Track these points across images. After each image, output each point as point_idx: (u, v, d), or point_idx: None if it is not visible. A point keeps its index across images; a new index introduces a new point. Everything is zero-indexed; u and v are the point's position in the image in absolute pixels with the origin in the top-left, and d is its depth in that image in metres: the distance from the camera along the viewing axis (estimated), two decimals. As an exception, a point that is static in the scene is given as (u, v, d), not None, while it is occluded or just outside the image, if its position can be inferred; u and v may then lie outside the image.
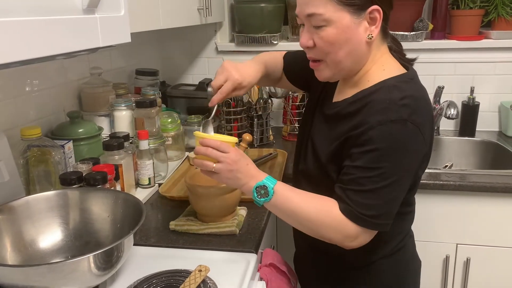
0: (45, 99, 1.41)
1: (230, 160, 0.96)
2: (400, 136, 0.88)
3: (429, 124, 0.94)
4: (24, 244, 0.99)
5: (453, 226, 1.60)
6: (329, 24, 0.91)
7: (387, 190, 0.90)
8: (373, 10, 0.90)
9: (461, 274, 1.63)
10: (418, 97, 0.92)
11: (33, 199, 1.04)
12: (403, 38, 1.99)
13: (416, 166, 0.94)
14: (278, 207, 0.98)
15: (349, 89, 1.01)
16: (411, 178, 0.94)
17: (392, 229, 1.01)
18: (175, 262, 1.03)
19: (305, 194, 0.98)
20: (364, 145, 0.90)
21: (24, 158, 1.16)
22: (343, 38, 0.92)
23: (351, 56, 0.95)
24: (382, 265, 1.04)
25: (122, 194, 1.08)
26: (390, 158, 0.89)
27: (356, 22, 0.91)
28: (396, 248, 1.05)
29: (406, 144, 0.89)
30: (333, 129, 1.01)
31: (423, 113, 0.91)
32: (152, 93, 1.69)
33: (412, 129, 0.88)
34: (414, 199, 1.10)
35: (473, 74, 2.02)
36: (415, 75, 0.99)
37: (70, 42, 0.78)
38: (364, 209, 0.91)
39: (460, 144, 2.00)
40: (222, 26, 2.18)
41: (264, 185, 0.95)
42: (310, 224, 0.96)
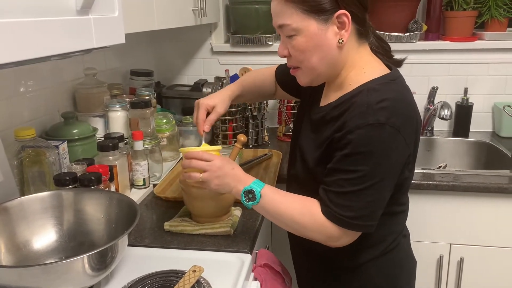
0: (39, 100, 1.40)
1: (215, 167, 1.02)
2: (379, 140, 0.89)
3: (411, 125, 0.93)
4: (18, 245, 0.99)
5: (446, 226, 1.61)
6: (298, 33, 0.94)
7: (368, 192, 0.91)
8: (340, 15, 0.92)
9: (454, 274, 1.64)
10: (397, 99, 0.92)
11: (27, 200, 1.03)
12: (397, 39, 2.00)
13: (398, 168, 0.94)
14: (265, 210, 1.01)
15: (333, 93, 1.03)
16: (394, 180, 0.95)
17: (383, 230, 1.02)
18: (169, 262, 1.03)
19: (290, 196, 1.02)
20: (344, 148, 0.92)
21: (18, 159, 1.16)
22: (312, 45, 0.94)
23: (324, 61, 0.96)
24: (375, 265, 1.05)
25: (116, 195, 1.08)
26: (369, 162, 0.90)
27: (323, 28, 0.93)
28: (389, 248, 1.05)
29: (386, 148, 0.90)
30: (319, 134, 1.02)
31: (402, 114, 0.91)
32: (147, 94, 1.69)
33: (391, 132, 0.88)
34: (407, 198, 1.10)
35: (467, 75, 2.04)
36: (397, 76, 0.99)
37: (64, 43, 0.78)
38: (343, 210, 0.92)
39: (454, 144, 2.01)
40: (217, 27, 2.19)
41: (252, 189, 0.99)
42: (294, 225, 1.00)
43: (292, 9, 0.93)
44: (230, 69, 1.98)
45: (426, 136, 2.04)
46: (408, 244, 1.14)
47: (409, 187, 1.07)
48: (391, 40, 2.00)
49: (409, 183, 1.06)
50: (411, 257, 1.14)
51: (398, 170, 0.94)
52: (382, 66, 1.00)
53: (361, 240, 0.99)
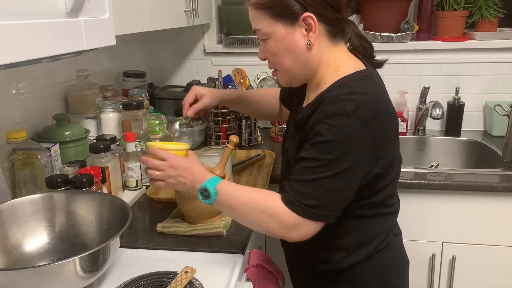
0: (31, 102, 1.40)
1: (169, 167, 1.03)
2: (344, 130, 0.90)
3: (380, 120, 0.93)
4: (9, 248, 0.99)
5: (438, 225, 1.62)
6: (269, 37, 0.99)
7: (329, 181, 0.91)
8: (305, 17, 0.95)
9: (447, 272, 1.65)
10: (367, 93, 0.93)
11: (18, 202, 1.03)
12: (389, 39, 2.01)
13: (363, 161, 0.93)
14: (223, 205, 1.01)
15: (312, 93, 1.05)
16: (359, 172, 0.94)
17: (372, 230, 1.03)
18: (162, 264, 1.03)
19: (249, 189, 1.02)
20: (312, 139, 0.93)
21: (10, 162, 1.16)
22: (282, 48, 0.99)
23: (297, 62, 1.00)
24: (366, 266, 1.05)
25: (108, 197, 1.08)
26: (333, 150, 0.90)
27: (291, 31, 0.97)
28: (379, 248, 1.06)
29: (351, 138, 0.90)
30: (299, 134, 1.04)
31: (371, 108, 0.91)
32: (140, 95, 1.69)
33: (357, 123, 0.89)
34: (397, 200, 1.11)
35: (458, 75, 2.05)
36: (371, 73, 1.00)
37: (54, 46, 0.78)
38: (303, 198, 0.92)
39: (446, 143, 2.02)
40: (210, 28, 2.19)
41: (206, 187, 0.99)
42: (250, 217, 0.98)
43: (261, 15, 0.98)
44: (223, 69, 1.98)
45: (418, 135, 2.05)
46: (400, 243, 1.15)
47: (394, 187, 1.07)
48: (382, 40, 2.02)
49: (393, 184, 1.05)
50: (402, 257, 1.14)
51: (363, 163, 0.93)
52: (357, 64, 1.02)
53: (350, 241, 1.00)
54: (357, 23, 2.07)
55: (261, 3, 0.97)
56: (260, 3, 0.98)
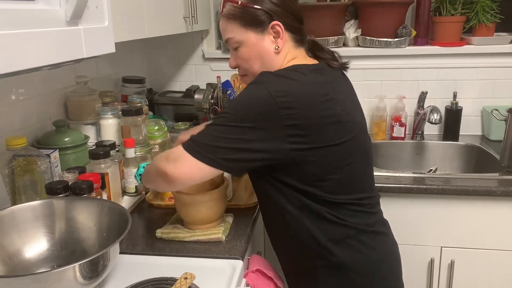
0: (30, 108, 1.41)
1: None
2: (248, 91, 0.99)
3: (294, 98, 0.96)
4: (9, 255, 0.99)
5: (437, 229, 1.62)
6: (241, 45, 1.10)
7: (216, 128, 0.98)
8: (274, 25, 1.07)
9: (446, 277, 1.65)
10: (288, 77, 1.00)
11: (18, 209, 1.04)
12: (386, 45, 2.02)
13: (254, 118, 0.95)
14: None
15: None
16: (249, 134, 0.95)
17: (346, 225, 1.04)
18: (161, 270, 1.03)
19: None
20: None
21: (10, 168, 1.16)
22: (254, 53, 1.09)
23: (265, 66, 1.09)
24: (351, 263, 1.05)
25: (107, 203, 1.08)
26: (229, 107, 1.00)
27: (260, 38, 1.08)
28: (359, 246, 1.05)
29: (247, 96, 0.99)
30: None
31: (284, 86, 0.97)
32: (139, 101, 1.69)
33: (261, 89, 0.97)
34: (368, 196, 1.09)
35: (456, 80, 2.06)
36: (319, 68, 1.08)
37: (54, 54, 0.78)
38: (194, 137, 1.00)
39: (444, 148, 2.03)
40: (209, 34, 2.20)
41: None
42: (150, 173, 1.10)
43: (233, 25, 1.09)
44: (222, 75, 1.98)
45: (416, 140, 2.06)
46: (392, 242, 1.14)
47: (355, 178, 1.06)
48: (380, 45, 2.03)
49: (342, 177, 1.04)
50: (391, 255, 1.13)
51: (261, 124, 0.95)
52: (311, 61, 1.11)
53: (329, 234, 1.03)
54: (355, 28, 2.09)
55: (233, 13, 1.08)
56: (232, 13, 1.08)
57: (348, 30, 2.09)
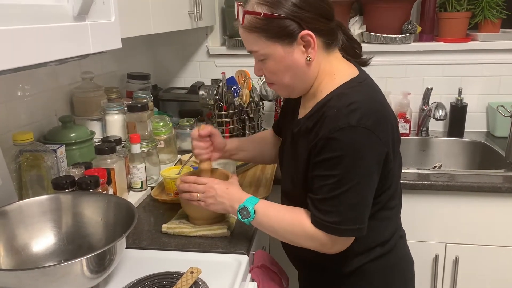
0: (37, 104, 1.41)
1: (208, 188, 1.10)
2: (351, 142, 0.90)
3: (385, 123, 0.94)
4: (17, 249, 1.00)
5: (442, 225, 1.62)
6: (267, 58, 0.98)
7: (347, 196, 0.92)
8: (304, 35, 0.94)
9: (450, 273, 1.65)
10: (366, 100, 0.94)
11: (25, 203, 1.04)
12: (391, 41, 2.01)
13: (375, 168, 0.94)
14: (260, 225, 1.06)
15: (308, 102, 1.06)
16: (373, 180, 0.95)
17: (375, 234, 1.03)
18: (167, 264, 1.04)
19: (282, 209, 1.05)
20: (319, 155, 0.94)
21: (17, 163, 1.17)
22: (282, 67, 0.98)
23: (297, 79, 1.00)
24: (371, 269, 1.06)
25: (114, 198, 1.09)
26: (343, 165, 0.90)
27: (289, 51, 0.96)
28: (384, 250, 1.06)
29: (359, 149, 0.90)
30: (298, 147, 1.04)
31: (374, 114, 0.92)
32: (144, 97, 1.70)
33: (363, 133, 0.90)
34: (399, 202, 1.11)
35: (461, 76, 2.06)
36: (365, 78, 1.02)
37: (61, 49, 0.79)
38: (328, 216, 0.94)
39: (449, 144, 2.03)
40: (214, 30, 2.20)
41: (245, 207, 1.05)
42: (288, 237, 1.04)
43: (256, 37, 0.96)
44: (227, 71, 1.98)
45: (421, 136, 2.06)
46: (405, 245, 1.15)
47: (397, 189, 1.07)
48: (385, 41, 2.02)
49: (397, 185, 1.06)
50: (407, 259, 1.15)
51: (376, 170, 0.94)
52: (352, 69, 1.03)
53: (353, 246, 1.00)
54: (360, 25, 2.08)
55: (256, 26, 0.95)
56: (255, 26, 0.95)
57: (353, 26, 2.08)
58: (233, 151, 1.30)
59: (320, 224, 0.96)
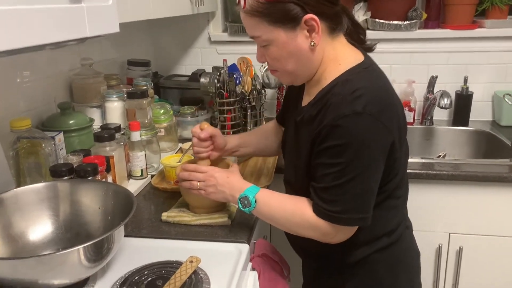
0: (35, 90, 1.39)
1: (209, 176, 1.09)
2: (357, 130, 0.88)
3: (391, 110, 0.92)
4: (14, 237, 0.98)
5: (445, 215, 1.60)
6: (270, 43, 0.95)
7: (352, 184, 0.90)
8: (307, 20, 0.91)
9: (453, 263, 1.64)
10: (371, 86, 0.92)
11: (22, 191, 1.03)
12: (396, 28, 1.98)
13: (381, 157, 0.92)
14: (261, 214, 1.05)
15: (312, 89, 1.03)
16: (379, 169, 0.93)
17: (381, 224, 1.01)
18: (167, 253, 1.02)
19: (283, 198, 1.04)
20: (323, 142, 0.91)
21: (14, 150, 1.15)
22: (285, 53, 0.95)
23: (300, 65, 0.97)
24: (376, 259, 1.04)
25: (112, 186, 1.07)
26: (349, 153, 0.88)
27: (293, 36, 0.93)
28: (390, 240, 1.04)
29: (365, 136, 0.88)
30: (301, 136, 1.02)
31: (379, 101, 0.90)
32: (144, 84, 1.67)
33: (369, 120, 0.87)
34: (405, 192, 1.09)
35: (467, 64, 2.02)
36: (370, 64, 0.99)
37: (56, 32, 0.76)
38: (330, 205, 0.92)
39: (454, 133, 2.00)
40: (215, 16, 2.16)
41: (246, 196, 1.03)
42: (289, 227, 1.03)
43: (258, 22, 0.93)
44: (228, 58, 1.95)
45: (425, 125, 2.03)
46: (411, 236, 1.14)
47: (404, 178, 1.05)
48: (390, 28, 1.98)
49: (404, 173, 1.04)
50: (412, 249, 1.13)
51: (381, 158, 0.92)
52: (357, 55, 1.00)
53: (359, 236, 0.98)
54: (365, 11, 2.04)
55: (258, 10, 0.92)
56: (257, 10, 0.92)
57: (357, 12, 2.04)
58: (234, 149, 1.29)
59: (323, 213, 0.94)
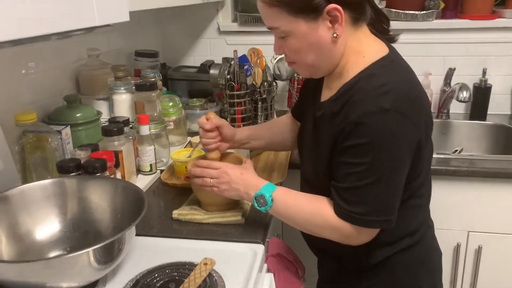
0: (41, 82, 1.34)
1: (222, 173, 1.04)
2: (384, 128, 0.83)
3: (418, 106, 0.87)
4: (20, 236, 0.94)
5: (464, 213, 1.55)
6: (289, 35, 0.90)
7: (377, 185, 0.85)
8: (330, 10, 0.85)
9: (472, 263, 1.59)
10: (398, 80, 0.87)
11: (28, 188, 0.99)
12: (413, 18, 1.91)
13: (408, 155, 0.87)
14: (278, 213, 1.00)
15: (333, 82, 0.97)
16: (405, 168, 0.88)
17: (403, 224, 0.96)
18: (178, 253, 0.98)
19: (302, 197, 0.99)
20: (347, 140, 0.86)
21: (20, 145, 1.11)
22: (305, 45, 0.90)
23: (321, 57, 0.92)
24: (397, 260, 0.99)
25: (122, 182, 1.03)
26: (373, 152, 0.84)
27: (314, 27, 0.88)
28: (411, 241, 0.99)
29: (392, 135, 0.83)
30: (322, 132, 0.97)
31: (407, 96, 0.85)
32: (153, 76, 1.62)
33: (396, 117, 0.82)
34: (428, 190, 1.04)
35: (486, 55, 1.95)
36: (396, 56, 0.93)
37: (64, 21, 0.72)
38: (354, 207, 0.87)
39: (471, 127, 1.94)
40: (224, 5, 2.10)
41: (262, 194, 0.98)
42: (308, 227, 0.98)
43: (278, 12, 0.88)
44: (238, 49, 1.89)
45: (441, 119, 1.97)
46: (433, 235, 1.09)
47: (427, 175, 1.00)
48: (406, 18, 1.92)
49: (429, 172, 0.99)
50: (435, 248, 1.09)
51: (408, 157, 0.87)
52: (381, 47, 0.94)
53: (381, 236, 0.93)
54: (380, 0, 1.97)
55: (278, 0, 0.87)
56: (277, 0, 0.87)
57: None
58: (244, 141, 1.23)
59: (345, 214, 0.89)
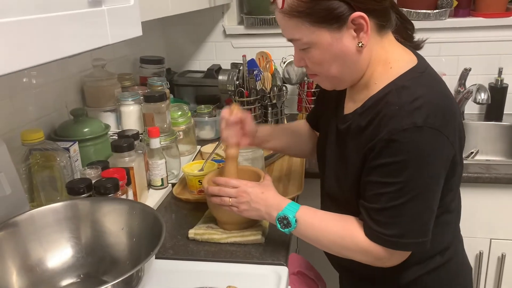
0: (45, 96, 1.29)
1: (241, 192, 0.99)
2: (417, 146, 0.78)
3: (453, 120, 0.82)
4: (31, 265, 0.89)
5: (486, 220, 1.51)
6: (312, 46, 0.85)
7: (410, 206, 0.81)
8: (355, 18, 0.80)
9: (494, 271, 1.55)
10: (431, 94, 0.81)
11: (38, 212, 0.94)
12: (425, 17, 1.86)
13: (441, 173, 0.82)
14: (303, 235, 0.95)
15: (358, 94, 0.92)
16: (439, 186, 0.83)
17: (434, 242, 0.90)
18: (198, 277, 0.93)
19: (328, 217, 0.94)
20: (377, 159, 0.81)
21: (27, 166, 1.05)
22: (329, 56, 0.85)
23: (346, 68, 0.87)
24: (430, 278, 0.94)
25: (137, 205, 0.98)
26: (407, 171, 0.79)
27: (338, 37, 0.83)
28: (442, 260, 0.94)
29: (427, 153, 0.79)
30: (348, 147, 0.91)
31: (441, 111, 0.80)
32: (160, 84, 1.57)
33: (431, 134, 0.78)
34: (458, 203, 0.99)
35: (501, 54, 1.90)
36: (426, 67, 0.88)
37: (76, 42, 0.66)
38: (386, 229, 0.83)
39: (487, 129, 1.89)
40: (230, 8, 2.04)
41: (285, 216, 0.94)
42: (336, 250, 0.93)
43: (299, 23, 0.83)
44: (245, 52, 1.84)
45: (456, 120, 1.92)
46: (463, 251, 1.04)
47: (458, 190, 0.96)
48: (418, 17, 1.86)
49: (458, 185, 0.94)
50: (466, 265, 1.04)
51: (442, 175, 0.82)
52: (409, 56, 0.89)
53: (410, 256, 0.88)
54: None
55: (299, 10, 0.81)
56: (297, 10, 0.82)
57: (382, 1, 1.92)
58: (265, 138, 1.17)
59: (377, 237, 0.84)
